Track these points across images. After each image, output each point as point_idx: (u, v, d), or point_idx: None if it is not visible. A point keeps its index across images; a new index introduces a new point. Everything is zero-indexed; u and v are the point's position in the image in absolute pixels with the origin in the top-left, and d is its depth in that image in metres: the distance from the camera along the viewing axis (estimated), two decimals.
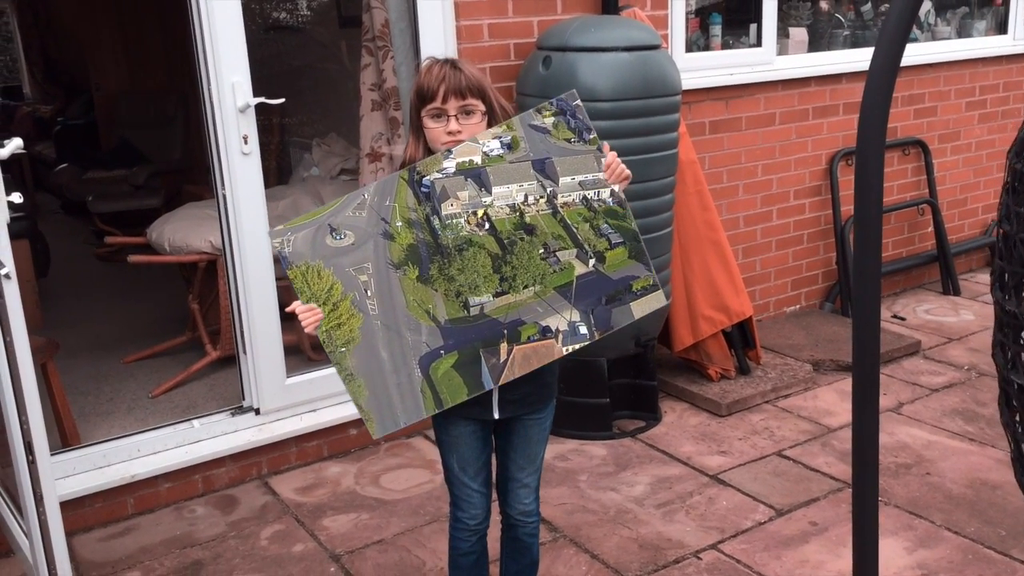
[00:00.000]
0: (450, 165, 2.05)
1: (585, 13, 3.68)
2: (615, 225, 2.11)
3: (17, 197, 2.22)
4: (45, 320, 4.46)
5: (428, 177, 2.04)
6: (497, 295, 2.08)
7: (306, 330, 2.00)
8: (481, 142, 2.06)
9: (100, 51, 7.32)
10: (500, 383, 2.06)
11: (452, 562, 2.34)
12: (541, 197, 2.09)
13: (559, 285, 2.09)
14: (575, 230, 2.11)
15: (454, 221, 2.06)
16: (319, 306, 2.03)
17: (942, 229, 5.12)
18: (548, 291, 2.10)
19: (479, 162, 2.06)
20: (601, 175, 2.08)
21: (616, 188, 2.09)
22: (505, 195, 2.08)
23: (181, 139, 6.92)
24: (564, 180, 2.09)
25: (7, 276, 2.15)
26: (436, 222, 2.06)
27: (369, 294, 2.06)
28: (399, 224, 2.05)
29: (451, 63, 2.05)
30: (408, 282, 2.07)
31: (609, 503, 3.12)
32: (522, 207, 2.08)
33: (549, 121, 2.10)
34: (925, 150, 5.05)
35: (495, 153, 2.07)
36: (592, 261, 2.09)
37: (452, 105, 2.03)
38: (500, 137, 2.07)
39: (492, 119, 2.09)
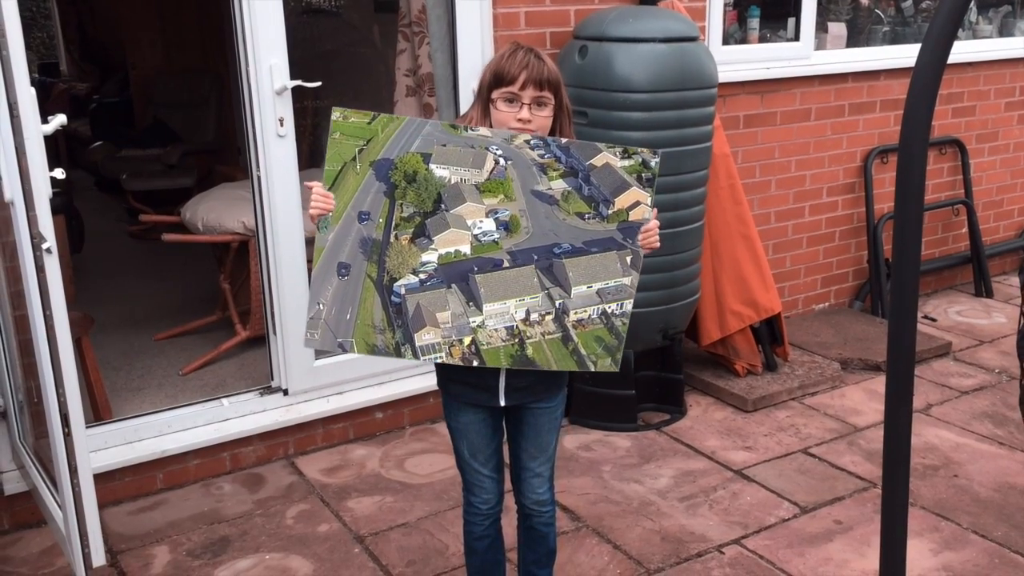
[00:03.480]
0: (431, 259, 1.63)
1: (623, 3, 3.67)
2: None
3: (60, 173, 2.26)
4: (78, 296, 4.52)
5: (401, 281, 1.63)
6: None
7: (310, 212, 1.86)
8: (471, 222, 1.66)
9: (136, 30, 7.39)
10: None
11: (467, 546, 2.38)
12: (547, 314, 1.66)
13: None
14: (592, 366, 1.69)
15: (432, 357, 1.64)
16: None
17: (976, 230, 5.06)
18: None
19: (467, 252, 1.64)
20: (625, 280, 1.68)
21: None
22: (500, 313, 1.65)
23: (214, 120, 6.97)
24: (578, 290, 1.65)
25: (48, 251, 2.18)
26: (408, 354, 1.64)
27: None
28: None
29: (534, 52, 2.02)
30: None
31: (632, 495, 3.13)
32: (522, 329, 1.66)
33: (557, 187, 1.70)
34: (962, 150, 4.99)
35: (488, 239, 1.65)
36: None
37: (528, 94, 1.98)
38: (496, 213, 1.66)
39: (559, 117, 2.04)
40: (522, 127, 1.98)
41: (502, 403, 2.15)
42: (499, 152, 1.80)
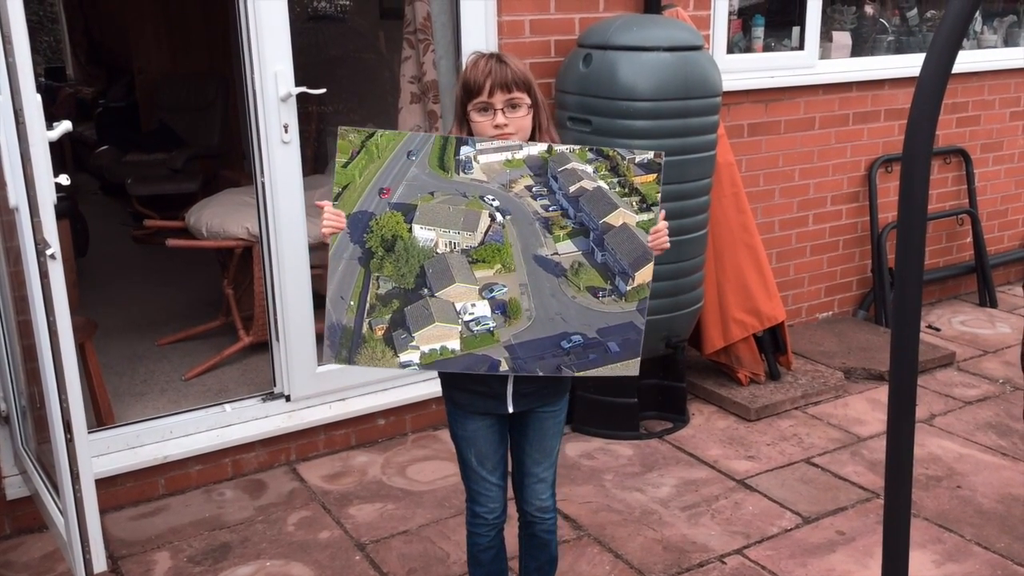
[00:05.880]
0: (411, 359, 1.32)
1: (627, 11, 3.67)
2: None
3: (65, 179, 2.26)
4: (81, 300, 4.53)
5: None
6: None
7: (321, 230, 1.81)
8: (460, 307, 1.36)
9: (142, 34, 7.40)
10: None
11: (472, 558, 2.36)
12: None
13: None
14: None
15: None
16: None
17: (981, 240, 5.05)
18: None
19: (456, 349, 1.33)
20: None
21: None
22: None
23: (219, 124, 6.98)
24: None
25: (53, 257, 2.19)
26: None
27: None
28: None
29: (496, 57, 2.04)
30: None
31: (634, 503, 3.12)
32: None
33: (565, 251, 1.37)
34: (967, 159, 4.98)
35: (482, 328, 1.35)
36: None
37: (499, 99, 2.00)
38: (491, 292, 1.35)
39: (537, 114, 2.07)
40: (500, 133, 1.98)
41: (510, 410, 2.14)
42: (495, 204, 1.52)
